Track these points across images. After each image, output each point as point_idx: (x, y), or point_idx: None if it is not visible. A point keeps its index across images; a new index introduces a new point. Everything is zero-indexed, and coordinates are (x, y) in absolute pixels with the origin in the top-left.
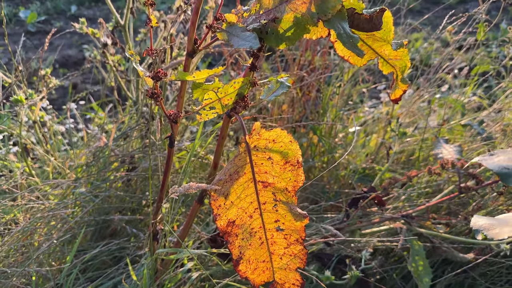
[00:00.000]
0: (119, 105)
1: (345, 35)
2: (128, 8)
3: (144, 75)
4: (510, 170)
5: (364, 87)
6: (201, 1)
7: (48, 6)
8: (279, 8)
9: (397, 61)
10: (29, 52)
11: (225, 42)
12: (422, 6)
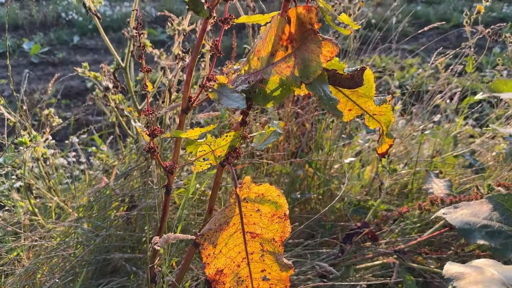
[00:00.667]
0: (120, 140)
1: (325, 97)
2: (129, 51)
3: (142, 131)
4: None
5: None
6: (194, 63)
7: (51, 37)
8: (266, 70)
9: (382, 116)
10: (32, 83)
11: (216, 101)
12: (417, 31)
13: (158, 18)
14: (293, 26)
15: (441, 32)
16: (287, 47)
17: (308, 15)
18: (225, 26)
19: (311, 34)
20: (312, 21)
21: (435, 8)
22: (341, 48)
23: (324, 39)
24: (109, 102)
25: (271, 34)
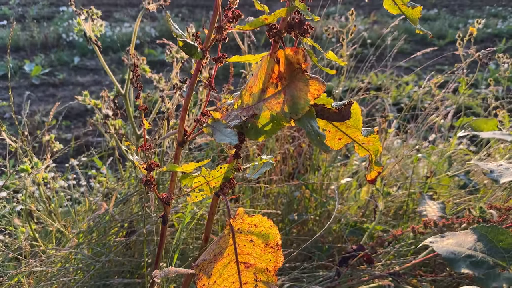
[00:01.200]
0: (119, 163)
1: (313, 132)
2: (128, 79)
3: (139, 164)
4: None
5: None
6: (189, 100)
7: (52, 58)
8: (258, 106)
9: (370, 146)
10: (33, 105)
11: (210, 135)
12: (413, 48)
13: (157, 38)
14: (282, 65)
15: (437, 48)
16: (277, 84)
17: (295, 56)
18: (219, 64)
19: (299, 73)
20: (299, 62)
21: (430, 25)
22: (339, 67)
23: (312, 78)
24: (109, 129)
25: (261, 72)
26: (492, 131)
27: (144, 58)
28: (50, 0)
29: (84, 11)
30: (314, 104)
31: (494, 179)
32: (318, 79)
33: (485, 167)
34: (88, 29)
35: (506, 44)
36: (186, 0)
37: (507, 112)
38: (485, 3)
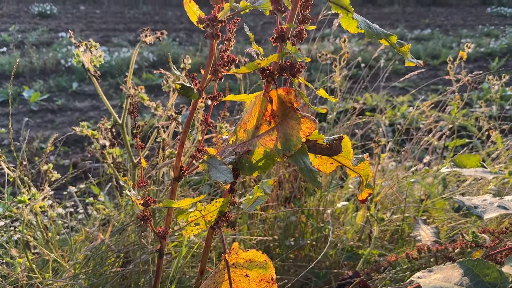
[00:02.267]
0: (117, 190)
1: (305, 168)
2: (125, 109)
3: (136, 199)
4: None
5: None
6: (185, 137)
7: (50, 84)
8: (252, 142)
9: (361, 171)
10: (31, 131)
11: (205, 172)
12: (407, 69)
13: (156, 62)
14: (275, 104)
15: (431, 68)
16: (270, 121)
17: (287, 96)
18: (214, 103)
19: (291, 111)
20: (291, 101)
21: (424, 45)
22: (334, 88)
23: (303, 116)
24: (106, 159)
25: (255, 110)
26: (474, 169)
27: (142, 87)
28: (49, 26)
29: (83, 43)
30: (306, 140)
31: (478, 215)
32: (309, 118)
33: (469, 203)
34: (86, 61)
35: (499, 63)
36: (184, 24)
37: (500, 133)
38: (477, 23)
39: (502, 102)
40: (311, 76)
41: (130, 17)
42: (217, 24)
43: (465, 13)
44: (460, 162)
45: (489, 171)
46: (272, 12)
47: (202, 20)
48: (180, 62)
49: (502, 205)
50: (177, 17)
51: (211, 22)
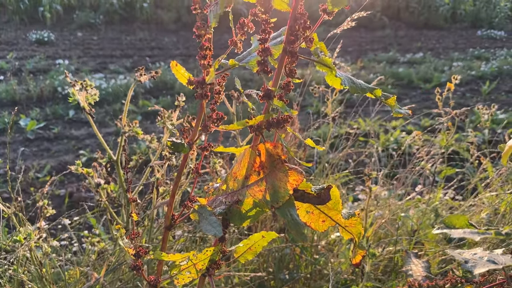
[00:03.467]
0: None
1: (292, 222)
2: (120, 146)
3: (128, 247)
4: None
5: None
6: (176, 187)
7: (47, 112)
8: (241, 192)
9: (353, 228)
10: (27, 160)
11: (196, 223)
12: (400, 92)
13: (152, 89)
14: (263, 156)
15: (424, 92)
16: (259, 172)
17: (275, 150)
18: (205, 152)
19: (279, 163)
20: (279, 154)
21: (416, 69)
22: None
23: (291, 169)
24: (101, 197)
25: (245, 161)
26: (463, 230)
27: (137, 122)
28: (46, 53)
29: (78, 83)
30: (294, 189)
31: (468, 269)
32: (296, 170)
33: (459, 258)
34: (82, 99)
35: (490, 86)
36: (180, 50)
37: (492, 157)
38: (468, 46)
39: (494, 126)
40: (305, 101)
41: (127, 43)
42: (205, 86)
43: (456, 36)
44: (449, 222)
45: (477, 231)
46: (257, 72)
47: (192, 82)
48: (176, 88)
49: (491, 259)
50: (174, 43)
51: (200, 84)
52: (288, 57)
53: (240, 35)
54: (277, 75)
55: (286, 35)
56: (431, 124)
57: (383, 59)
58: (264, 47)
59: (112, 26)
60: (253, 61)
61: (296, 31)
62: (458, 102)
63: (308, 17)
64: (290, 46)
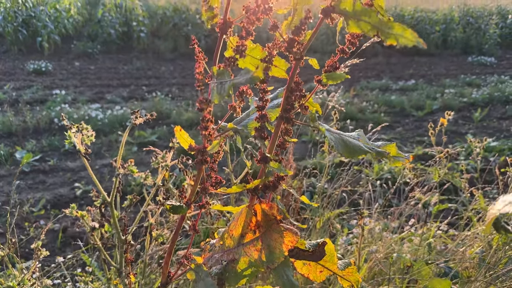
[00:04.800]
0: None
1: (288, 283)
2: (115, 188)
3: None
4: None
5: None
6: (173, 247)
7: (43, 144)
8: (237, 250)
9: (351, 277)
10: (22, 193)
11: (192, 282)
12: (393, 120)
13: (148, 119)
14: (259, 215)
15: (416, 119)
16: (255, 231)
17: (270, 210)
18: (202, 210)
19: (274, 223)
20: (274, 214)
21: (409, 96)
22: (323, 141)
23: (286, 229)
24: (95, 241)
25: (241, 219)
26: None
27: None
28: (44, 83)
29: (75, 126)
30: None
31: None
32: (291, 231)
33: None
34: (77, 142)
35: (482, 113)
36: (177, 79)
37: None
38: (459, 72)
39: (487, 154)
40: (299, 129)
41: (124, 73)
42: (206, 153)
43: (447, 62)
44: (432, 287)
45: None
46: (254, 137)
47: (193, 149)
48: (172, 117)
49: None
50: (170, 71)
51: (200, 152)
52: (284, 123)
53: (239, 101)
54: (273, 140)
55: (282, 104)
56: (424, 153)
57: (376, 86)
58: (261, 114)
59: (110, 55)
60: (251, 124)
61: (292, 101)
62: (451, 130)
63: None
64: (286, 113)
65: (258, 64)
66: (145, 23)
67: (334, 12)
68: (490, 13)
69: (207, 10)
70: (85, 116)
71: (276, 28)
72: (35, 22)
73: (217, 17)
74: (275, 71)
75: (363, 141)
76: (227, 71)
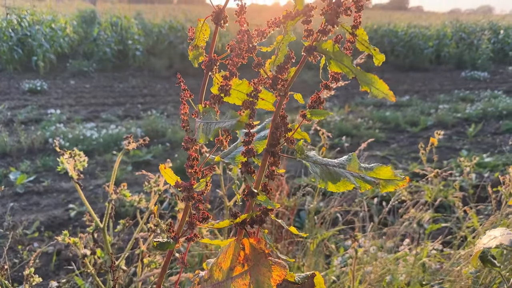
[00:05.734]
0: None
1: None
2: (107, 214)
3: None
4: None
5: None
6: (162, 280)
7: (37, 164)
8: (226, 284)
9: None
10: (16, 215)
11: None
12: (388, 136)
13: (143, 137)
14: (248, 249)
15: (411, 135)
16: (243, 264)
17: (258, 245)
18: (191, 242)
19: (262, 257)
20: (262, 248)
21: (403, 112)
22: (321, 151)
23: (274, 263)
24: (87, 268)
25: (230, 252)
26: None
27: (125, 184)
28: (39, 102)
29: (67, 153)
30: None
31: None
32: (280, 264)
33: None
34: (70, 168)
35: (476, 128)
36: (172, 97)
37: (479, 201)
38: (453, 87)
39: (481, 170)
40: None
41: (119, 91)
42: (192, 190)
43: (441, 77)
44: None
45: None
46: (241, 171)
47: (179, 186)
48: (167, 136)
49: None
50: (166, 89)
51: (186, 189)
52: (271, 157)
53: (226, 136)
54: (260, 174)
55: (268, 139)
56: (419, 169)
57: (370, 102)
58: (247, 149)
59: (105, 73)
60: (238, 157)
61: (278, 137)
62: (446, 145)
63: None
64: (272, 148)
65: (245, 98)
66: (140, 41)
67: (316, 51)
68: (482, 29)
69: (193, 49)
70: (80, 136)
71: (261, 65)
72: (31, 41)
73: (202, 55)
74: (262, 104)
75: (353, 168)
76: (213, 109)
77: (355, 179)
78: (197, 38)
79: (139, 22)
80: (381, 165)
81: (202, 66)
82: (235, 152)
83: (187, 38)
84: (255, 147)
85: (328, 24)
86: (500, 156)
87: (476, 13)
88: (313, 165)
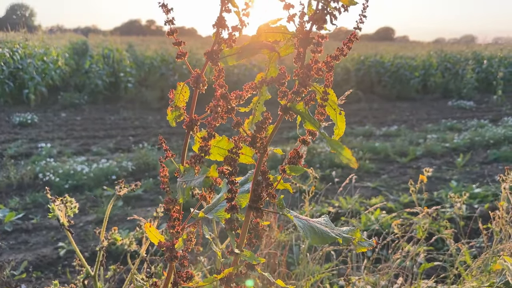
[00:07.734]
0: None
1: None
2: (98, 261)
3: None
4: None
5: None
6: None
7: (27, 200)
8: None
9: None
10: (4, 254)
11: None
12: (378, 167)
13: (134, 171)
14: None
15: (401, 166)
16: None
17: None
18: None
19: None
20: None
21: (392, 142)
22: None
23: None
24: None
25: None
26: None
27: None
28: (29, 135)
29: (59, 199)
30: None
31: None
32: None
33: None
34: (61, 215)
35: (464, 158)
36: (163, 129)
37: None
38: (441, 116)
39: (471, 201)
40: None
41: (110, 123)
42: (174, 250)
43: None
44: None
45: None
46: (225, 228)
47: (162, 246)
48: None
49: None
50: (157, 121)
51: (169, 249)
52: (253, 213)
53: (209, 192)
54: (244, 229)
55: (251, 196)
56: (410, 201)
57: (359, 133)
58: (231, 205)
59: (96, 105)
60: (221, 213)
61: (259, 193)
62: (435, 176)
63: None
64: (254, 204)
65: (225, 154)
66: (132, 73)
67: (291, 111)
68: (466, 58)
69: (173, 110)
70: (70, 171)
71: (240, 125)
72: (22, 74)
73: (183, 115)
74: (243, 159)
75: (330, 227)
76: (193, 168)
77: (334, 236)
78: (176, 100)
79: (131, 54)
80: (353, 228)
81: (183, 126)
82: (218, 207)
83: (178, 71)
84: (239, 202)
85: (301, 86)
86: (489, 186)
87: (459, 43)
88: (297, 219)
